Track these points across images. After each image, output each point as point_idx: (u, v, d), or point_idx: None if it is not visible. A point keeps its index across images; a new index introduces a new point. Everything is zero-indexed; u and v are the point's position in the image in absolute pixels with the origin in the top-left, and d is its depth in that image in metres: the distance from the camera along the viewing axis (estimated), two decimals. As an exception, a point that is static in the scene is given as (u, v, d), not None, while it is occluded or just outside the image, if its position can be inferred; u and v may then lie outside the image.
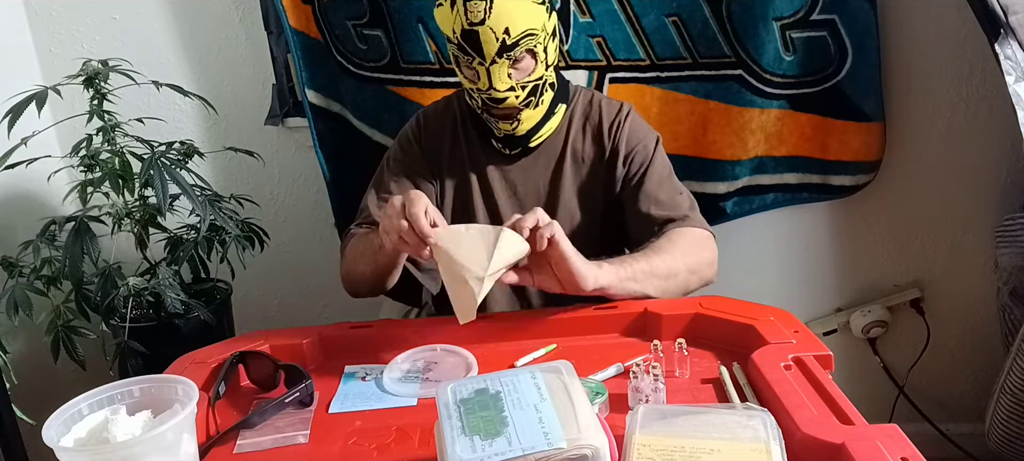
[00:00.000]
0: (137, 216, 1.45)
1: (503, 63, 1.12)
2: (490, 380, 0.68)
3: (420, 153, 1.28)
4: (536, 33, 1.13)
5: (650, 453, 0.64)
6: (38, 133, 1.38)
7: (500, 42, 1.10)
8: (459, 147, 1.28)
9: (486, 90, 1.15)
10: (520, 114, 1.18)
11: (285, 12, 1.53)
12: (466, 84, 1.19)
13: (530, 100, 1.17)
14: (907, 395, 1.76)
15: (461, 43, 1.13)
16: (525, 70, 1.15)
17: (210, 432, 0.83)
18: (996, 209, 1.62)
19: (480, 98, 1.17)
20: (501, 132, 1.21)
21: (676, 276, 1.09)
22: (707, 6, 1.48)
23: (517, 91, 1.15)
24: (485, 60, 1.12)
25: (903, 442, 0.65)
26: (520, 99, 1.16)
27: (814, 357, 0.83)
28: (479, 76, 1.15)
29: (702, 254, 1.15)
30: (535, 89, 1.17)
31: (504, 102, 1.15)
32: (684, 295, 1.11)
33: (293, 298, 1.85)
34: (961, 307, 1.72)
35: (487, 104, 1.17)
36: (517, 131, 1.20)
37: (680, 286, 1.10)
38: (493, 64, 1.12)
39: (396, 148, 1.31)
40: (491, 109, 1.18)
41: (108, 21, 1.66)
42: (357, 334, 1.03)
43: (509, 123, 1.19)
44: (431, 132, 1.30)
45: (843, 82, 1.51)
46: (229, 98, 1.69)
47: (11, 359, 1.35)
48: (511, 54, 1.12)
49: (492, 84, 1.14)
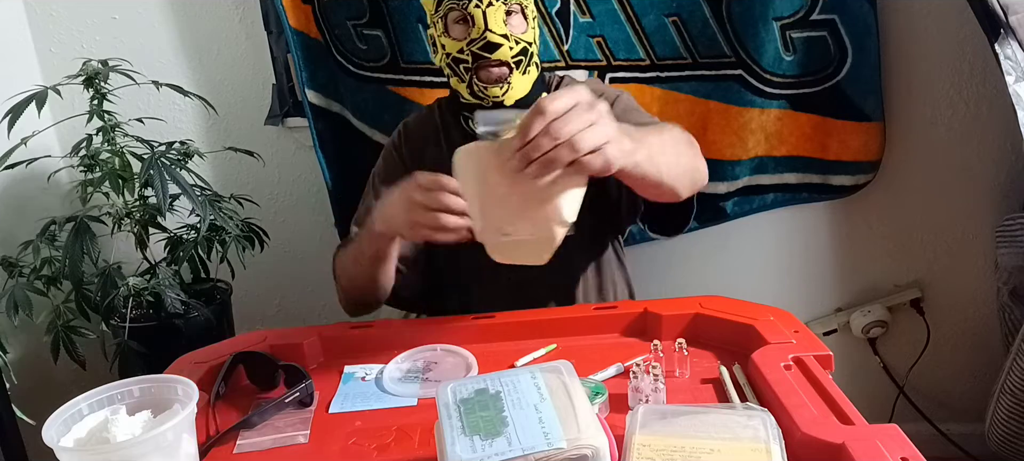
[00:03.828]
0: (137, 216, 1.45)
1: (499, 7, 1.12)
2: (490, 380, 0.68)
3: (402, 164, 1.27)
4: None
5: (650, 453, 0.64)
6: (38, 133, 1.38)
7: None
8: (441, 152, 1.26)
9: (481, 36, 1.13)
10: (511, 76, 1.15)
11: (285, 12, 1.53)
12: (452, 49, 1.16)
13: (520, 60, 1.15)
14: (907, 395, 1.76)
15: None
16: (516, 27, 1.15)
17: (210, 432, 0.83)
18: (996, 209, 1.62)
19: (471, 53, 1.14)
20: (490, 100, 1.17)
21: (684, 145, 1.04)
22: (707, 6, 1.48)
23: (510, 42, 1.13)
24: (482, 1, 1.11)
25: (903, 442, 0.65)
26: (513, 53, 1.14)
27: (814, 357, 0.83)
28: (474, 21, 1.13)
29: (693, 144, 1.09)
30: (525, 51, 1.16)
31: (499, 49, 1.13)
32: (690, 181, 1.04)
33: (293, 298, 1.85)
34: (961, 307, 1.72)
35: (479, 57, 1.14)
36: (506, 99, 1.16)
37: (689, 158, 1.04)
38: (490, 6, 1.12)
39: (380, 163, 1.31)
40: (483, 66, 1.15)
41: (108, 21, 1.66)
42: (357, 334, 1.03)
43: (499, 87, 1.15)
44: (412, 141, 1.29)
45: (843, 82, 1.51)
46: (229, 98, 1.69)
47: (11, 359, 1.35)
48: (506, 1, 1.13)
49: (488, 26, 1.12)
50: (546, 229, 0.85)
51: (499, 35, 1.13)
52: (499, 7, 1.12)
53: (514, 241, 0.87)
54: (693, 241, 1.68)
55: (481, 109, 1.12)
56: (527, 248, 0.88)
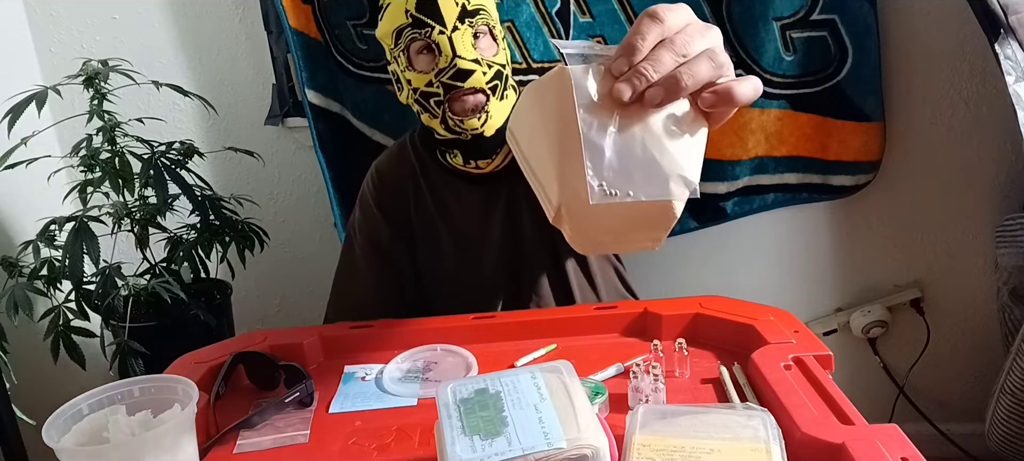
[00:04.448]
0: (137, 216, 1.45)
1: (465, 30, 1.04)
2: (490, 380, 0.68)
3: (381, 217, 1.20)
4: (490, 12, 1.07)
5: (650, 453, 0.64)
6: (38, 133, 1.38)
7: (460, 6, 1.04)
8: (423, 197, 1.20)
9: (449, 65, 1.03)
10: (488, 104, 1.07)
11: (285, 12, 1.53)
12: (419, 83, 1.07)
13: (496, 84, 1.07)
14: (907, 395, 1.76)
15: (416, 16, 1.04)
16: (486, 49, 1.07)
17: (210, 432, 0.83)
18: (996, 209, 1.62)
19: (442, 84, 1.05)
20: (468, 133, 1.08)
21: None
22: (707, 6, 1.48)
23: (483, 66, 1.05)
24: (446, 27, 1.03)
25: (903, 442, 0.65)
26: (487, 79, 1.06)
27: (814, 357, 0.83)
28: (440, 50, 1.04)
29: None
30: (499, 75, 1.08)
31: (471, 76, 1.04)
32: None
33: (293, 298, 1.85)
34: (961, 307, 1.72)
35: (451, 88, 1.05)
36: (486, 130, 1.08)
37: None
38: (455, 31, 1.03)
39: (358, 215, 1.24)
40: (456, 95, 1.06)
41: (108, 21, 1.66)
42: (357, 334, 1.03)
43: (477, 118, 1.07)
44: (388, 188, 1.22)
45: (843, 82, 1.51)
46: (229, 98, 1.70)
47: (11, 359, 1.35)
48: (472, 22, 1.04)
49: (457, 53, 1.03)
50: (663, 188, 0.58)
51: (470, 61, 1.04)
52: (466, 30, 1.04)
53: (617, 209, 0.58)
54: (693, 241, 1.68)
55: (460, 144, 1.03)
56: (634, 220, 0.61)
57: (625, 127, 0.57)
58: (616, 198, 0.56)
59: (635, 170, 0.57)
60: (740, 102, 0.59)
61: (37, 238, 1.39)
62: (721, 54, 0.59)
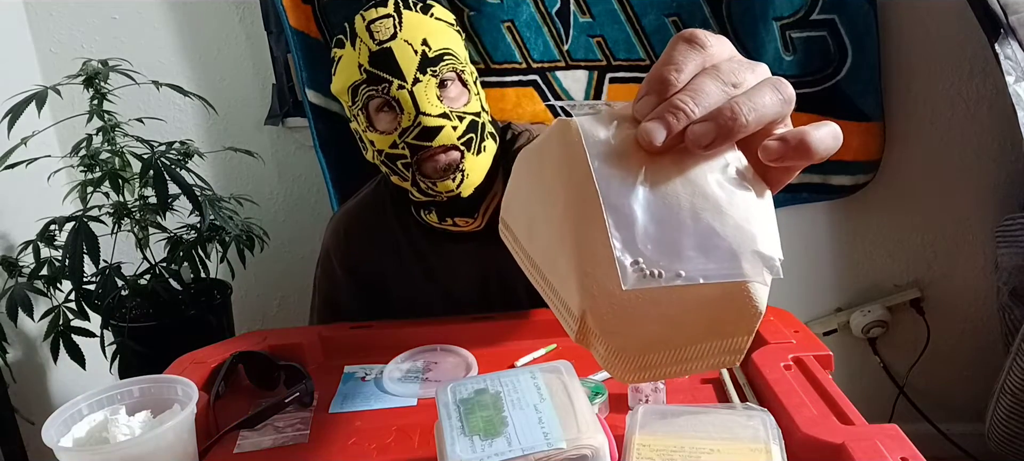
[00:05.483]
0: (137, 216, 1.45)
1: (428, 80, 0.91)
2: (490, 380, 0.68)
3: (345, 279, 1.07)
4: (457, 55, 0.94)
5: (650, 453, 0.64)
6: (38, 133, 1.38)
7: (420, 54, 0.91)
8: (403, 258, 1.06)
9: (413, 123, 0.90)
10: (463, 162, 0.93)
11: (285, 12, 1.53)
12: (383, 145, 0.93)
13: (470, 138, 0.93)
14: (907, 395, 1.76)
15: (371, 71, 0.91)
16: (456, 98, 0.94)
17: (210, 432, 0.83)
18: (996, 209, 1.62)
19: (407, 145, 0.91)
20: (443, 195, 0.96)
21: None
22: (707, 6, 1.48)
23: (453, 120, 0.92)
24: (405, 80, 0.89)
25: (903, 442, 0.65)
26: (459, 133, 0.92)
27: (814, 357, 0.83)
28: (401, 107, 0.91)
29: None
30: (474, 125, 0.94)
31: (439, 133, 0.91)
32: None
33: (293, 298, 1.85)
34: (961, 307, 1.72)
35: (418, 148, 0.91)
36: (463, 190, 0.95)
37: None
38: (416, 83, 0.90)
39: (318, 271, 1.13)
40: (425, 156, 0.92)
41: (108, 21, 1.66)
42: (357, 334, 1.03)
43: (451, 179, 0.93)
44: (356, 247, 1.08)
45: (843, 82, 1.51)
46: (229, 98, 1.69)
47: (11, 359, 1.35)
48: (436, 70, 0.91)
49: (421, 109, 0.90)
50: (731, 265, 0.39)
51: (436, 116, 0.91)
52: (429, 81, 0.91)
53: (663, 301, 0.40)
54: (693, 241, 1.68)
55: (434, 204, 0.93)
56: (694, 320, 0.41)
57: (659, 184, 0.39)
58: (661, 280, 0.37)
59: (684, 240, 0.38)
60: (817, 156, 0.40)
61: (37, 238, 1.39)
62: (788, 87, 0.41)
